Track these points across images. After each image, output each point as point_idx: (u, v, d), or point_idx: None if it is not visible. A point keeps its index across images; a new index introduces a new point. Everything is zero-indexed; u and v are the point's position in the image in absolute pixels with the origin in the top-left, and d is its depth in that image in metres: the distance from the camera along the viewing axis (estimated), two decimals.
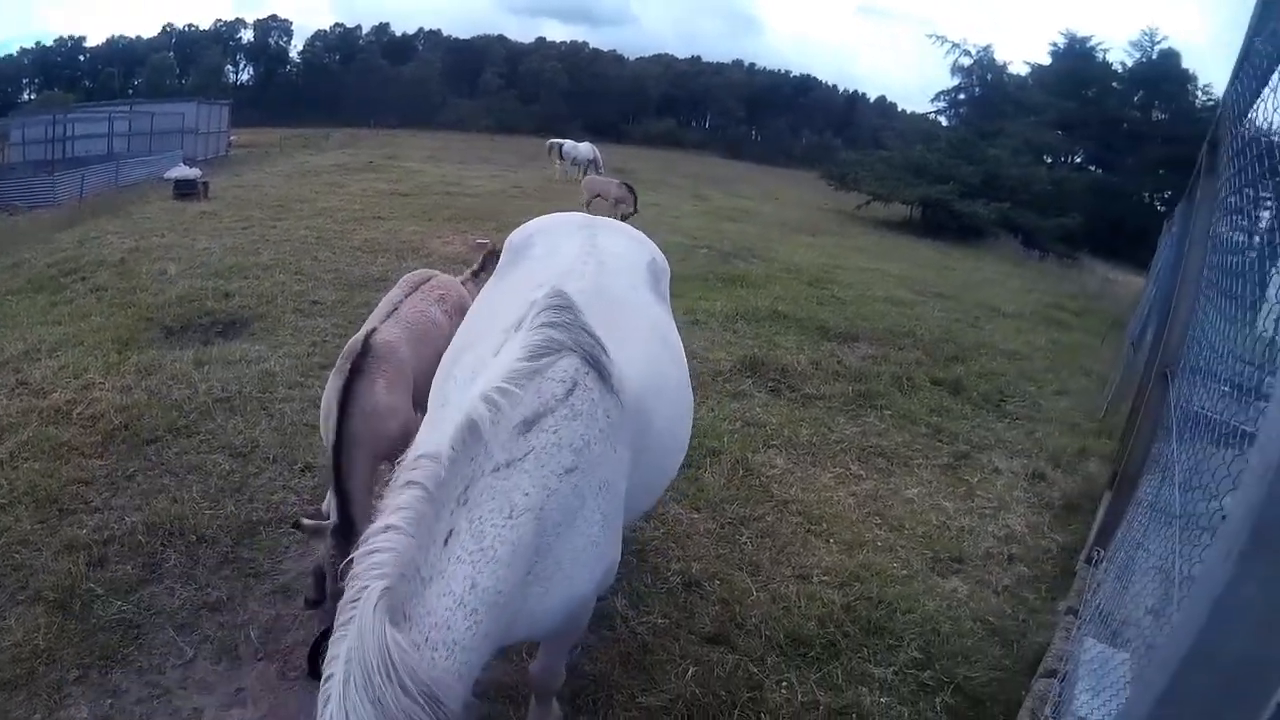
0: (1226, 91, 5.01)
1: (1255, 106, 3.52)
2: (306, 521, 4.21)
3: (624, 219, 18.93)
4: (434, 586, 2.32)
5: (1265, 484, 1.20)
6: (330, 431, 4.28)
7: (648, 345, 3.67)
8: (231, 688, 4.24)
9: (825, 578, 5.54)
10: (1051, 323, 15.88)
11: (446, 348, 4.60)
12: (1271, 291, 2.47)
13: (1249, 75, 3.91)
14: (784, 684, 4.51)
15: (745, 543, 5.90)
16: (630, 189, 19.89)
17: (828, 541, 6.04)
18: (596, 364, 2.86)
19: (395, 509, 2.36)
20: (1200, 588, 1.37)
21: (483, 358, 3.01)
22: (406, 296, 5.25)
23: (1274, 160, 2.62)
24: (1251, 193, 3.09)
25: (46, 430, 6.61)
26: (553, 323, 2.86)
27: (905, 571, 5.75)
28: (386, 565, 2.25)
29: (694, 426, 7.41)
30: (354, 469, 4.26)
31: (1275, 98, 2.76)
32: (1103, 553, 5.50)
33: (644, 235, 4.90)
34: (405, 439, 4.06)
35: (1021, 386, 10.54)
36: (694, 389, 8.35)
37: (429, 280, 5.55)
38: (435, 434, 2.65)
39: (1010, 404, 9.79)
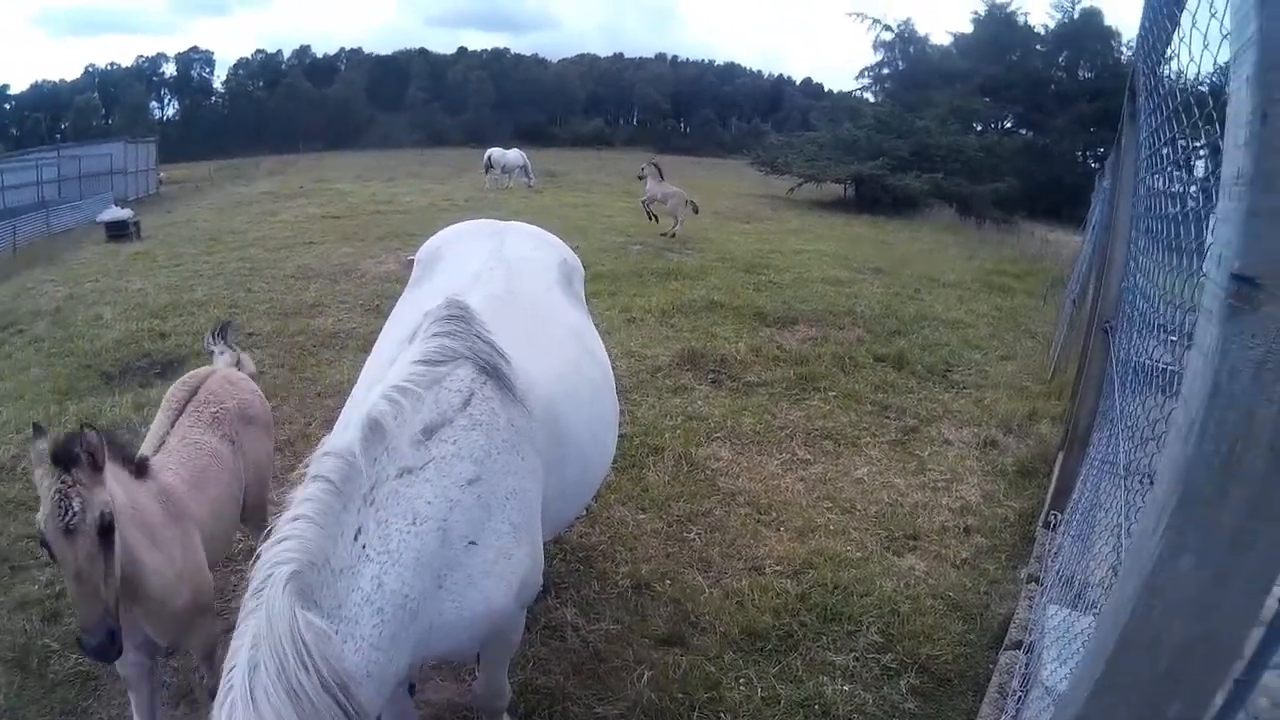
0: (1138, 37, 4.97)
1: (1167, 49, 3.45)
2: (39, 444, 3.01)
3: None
4: (344, 580, 2.30)
5: (1192, 441, 1.06)
6: None
7: (560, 349, 3.62)
8: None
9: (778, 568, 5.45)
10: (993, 288, 15.88)
11: (232, 479, 4.20)
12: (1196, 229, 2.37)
13: (1151, 15, 3.86)
14: (742, 680, 4.42)
15: (694, 539, 5.79)
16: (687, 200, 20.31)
17: (778, 530, 5.95)
18: (495, 372, 2.79)
19: (302, 500, 2.33)
20: (1130, 565, 1.24)
21: (377, 374, 2.97)
22: (173, 422, 4.22)
23: (1182, 99, 2.53)
24: (1165, 131, 3.00)
25: None
26: (447, 331, 2.81)
27: (859, 554, 5.66)
28: (295, 551, 2.22)
29: (635, 424, 7.40)
30: None
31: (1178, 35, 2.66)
32: (1060, 516, 5.44)
33: (554, 236, 4.78)
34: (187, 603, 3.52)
35: (966, 355, 10.52)
36: (633, 387, 8.36)
37: (197, 393, 4.40)
38: (338, 437, 2.61)
39: (956, 373, 9.76)
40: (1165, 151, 3.07)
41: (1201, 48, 1.84)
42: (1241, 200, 0.97)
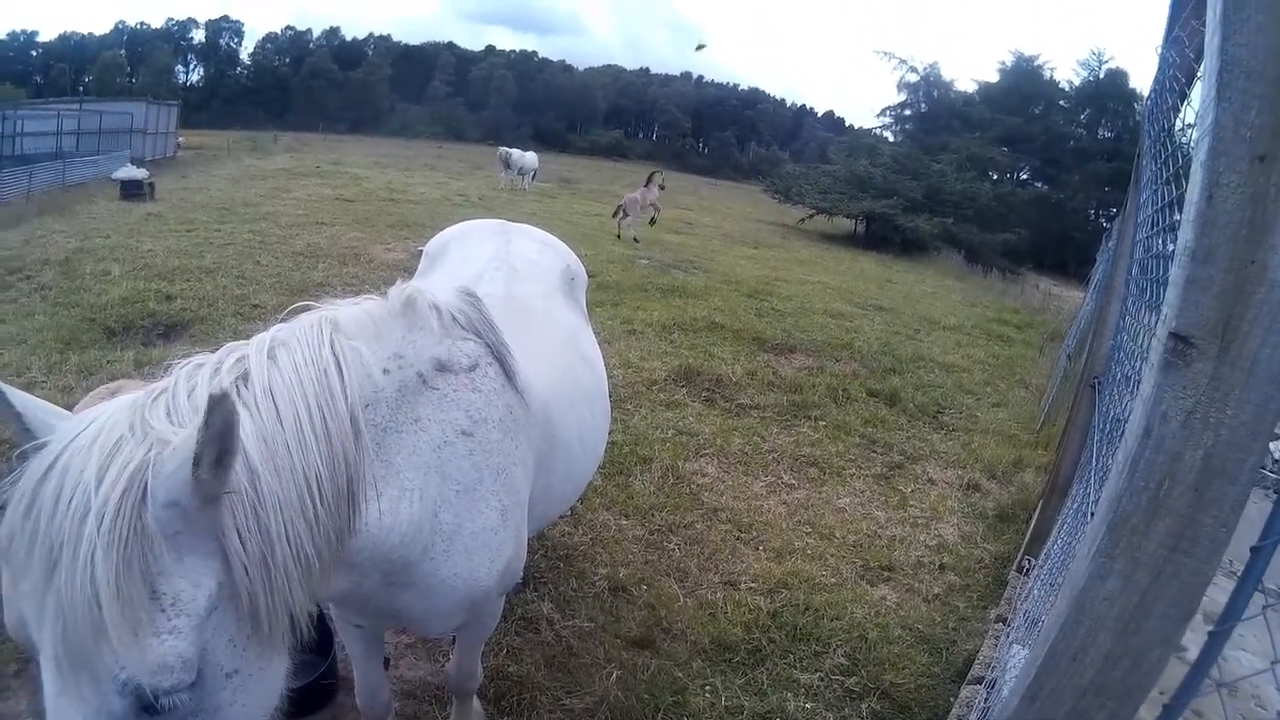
0: (1148, 101, 5.10)
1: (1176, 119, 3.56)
2: None
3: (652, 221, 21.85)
4: (366, 396, 2.14)
5: (1125, 475, 1.19)
6: None
7: (558, 353, 3.60)
8: None
9: (753, 584, 5.51)
10: (992, 336, 15.98)
11: None
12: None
13: (1158, 86, 3.98)
14: (708, 688, 4.47)
15: (674, 549, 5.86)
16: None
17: (756, 549, 6.02)
18: (500, 359, 2.71)
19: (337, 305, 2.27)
20: (1067, 585, 1.37)
21: None
22: None
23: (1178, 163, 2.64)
24: (1163, 195, 3.11)
25: None
26: (461, 309, 2.67)
27: (834, 579, 5.73)
28: (334, 313, 2.17)
29: (627, 433, 7.48)
30: None
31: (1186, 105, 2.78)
32: (1033, 561, 5.51)
33: (561, 242, 4.80)
34: None
35: (959, 398, 10.59)
36: (628, 397, 8.45)
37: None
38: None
39: (946, 415, 9.82)
40: (1160, 215, 3.18)
41: (1191, 125, 1.97)
42: (1184, 269, 1.11)
